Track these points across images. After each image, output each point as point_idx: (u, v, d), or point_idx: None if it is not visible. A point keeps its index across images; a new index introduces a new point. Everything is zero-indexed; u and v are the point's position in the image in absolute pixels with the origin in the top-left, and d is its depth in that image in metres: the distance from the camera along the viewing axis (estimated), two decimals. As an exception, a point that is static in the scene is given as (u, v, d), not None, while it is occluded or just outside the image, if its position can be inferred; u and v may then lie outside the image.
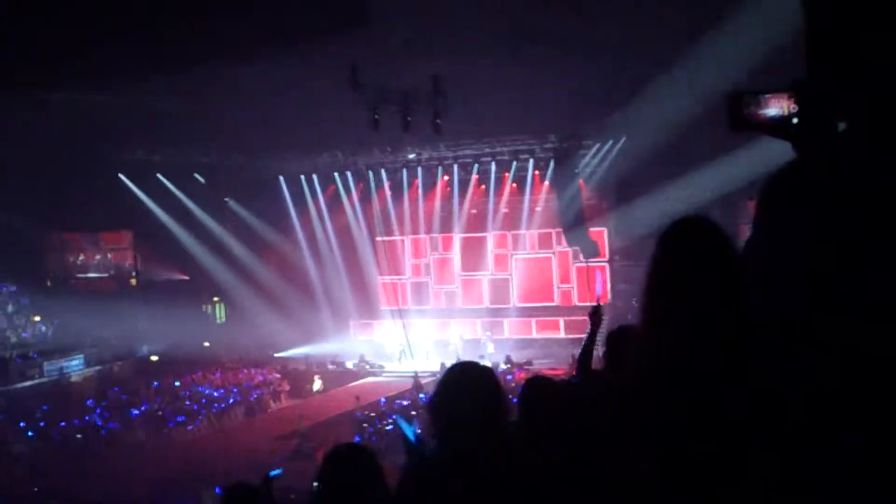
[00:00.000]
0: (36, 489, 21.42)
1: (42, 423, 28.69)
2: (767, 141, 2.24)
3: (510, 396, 3.60)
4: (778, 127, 2.14)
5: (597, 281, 33.70)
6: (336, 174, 39.31)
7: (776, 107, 2.14)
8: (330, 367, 36.30)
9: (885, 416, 1.89)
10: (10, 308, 36.65)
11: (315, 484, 3.52)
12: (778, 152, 2.28)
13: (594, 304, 5.84)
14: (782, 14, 15.81)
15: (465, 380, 3.33)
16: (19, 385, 31.63)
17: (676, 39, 23.36)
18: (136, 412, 29.95)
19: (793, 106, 2.15)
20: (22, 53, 15.03)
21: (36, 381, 32.25)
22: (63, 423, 28.79)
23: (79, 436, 28.02)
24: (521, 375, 28.25)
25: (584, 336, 5.75)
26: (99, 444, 27.61)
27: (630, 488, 2.39)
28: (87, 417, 29.63)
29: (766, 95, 2.17)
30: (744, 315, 2.25)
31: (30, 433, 28.10)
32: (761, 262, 2.13)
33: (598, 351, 5.27)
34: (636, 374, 2.43)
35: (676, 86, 25.36)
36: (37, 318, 36.61)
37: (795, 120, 2.11)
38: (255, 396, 32.43)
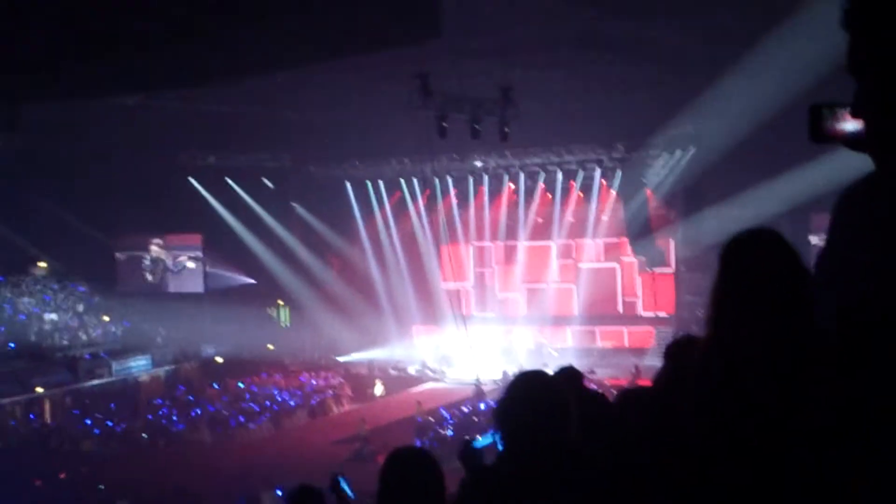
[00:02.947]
0: (102, 486, 21.69)
1: (109, 422, 29.15)
2: (836, 154, 2.23)
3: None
4: (856, 141, 2.12)
5: None
6: (402, 180, 39.42)
7: (853, 121, 2.13)
8: (392, 372, 36.44)
9: None
10: (80, 307, 37.29)
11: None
12: (847, 165, 2.27)
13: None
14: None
15: (531, 389, 3.29)
16: (88, 384, 32.13)
17: (745, 50, 23.11)
18: (200, 412, 30.33)
19: None
20: (100, 56, 15.25)
21: (105, 380, 32.73)
22: (130, 422, 29.25)
23: (144, 435, 28.43)
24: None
25: (650, 347, 5.68)
26: (164, 443, 28.00)
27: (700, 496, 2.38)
28: (149, 417, 30.05)
29: (842, 110, 2.15)
30: (812, 325, 2.23)
31: (97, 431, 28.58)
32: (833, 270, 2.13)
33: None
34: (702, 382, 2.43)
35: (745, 96, 25.06)
36: (106, 318, 37.20)
37: None
38: (318, 400, 32.63)
